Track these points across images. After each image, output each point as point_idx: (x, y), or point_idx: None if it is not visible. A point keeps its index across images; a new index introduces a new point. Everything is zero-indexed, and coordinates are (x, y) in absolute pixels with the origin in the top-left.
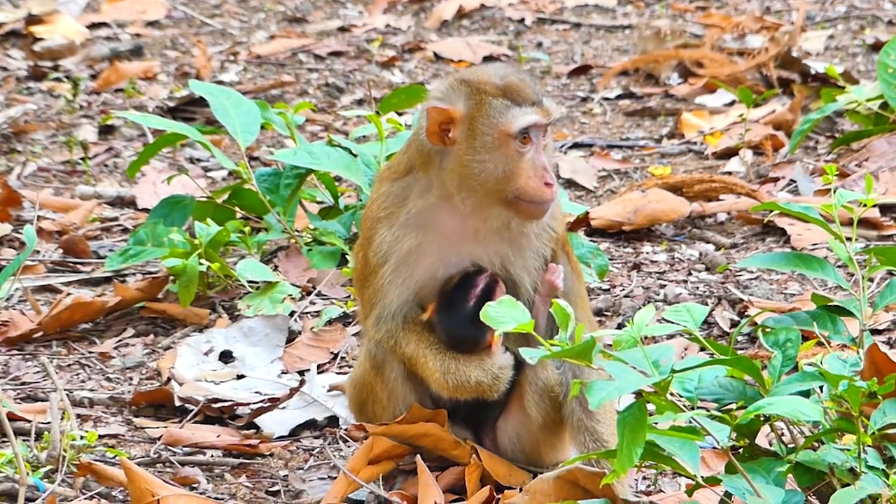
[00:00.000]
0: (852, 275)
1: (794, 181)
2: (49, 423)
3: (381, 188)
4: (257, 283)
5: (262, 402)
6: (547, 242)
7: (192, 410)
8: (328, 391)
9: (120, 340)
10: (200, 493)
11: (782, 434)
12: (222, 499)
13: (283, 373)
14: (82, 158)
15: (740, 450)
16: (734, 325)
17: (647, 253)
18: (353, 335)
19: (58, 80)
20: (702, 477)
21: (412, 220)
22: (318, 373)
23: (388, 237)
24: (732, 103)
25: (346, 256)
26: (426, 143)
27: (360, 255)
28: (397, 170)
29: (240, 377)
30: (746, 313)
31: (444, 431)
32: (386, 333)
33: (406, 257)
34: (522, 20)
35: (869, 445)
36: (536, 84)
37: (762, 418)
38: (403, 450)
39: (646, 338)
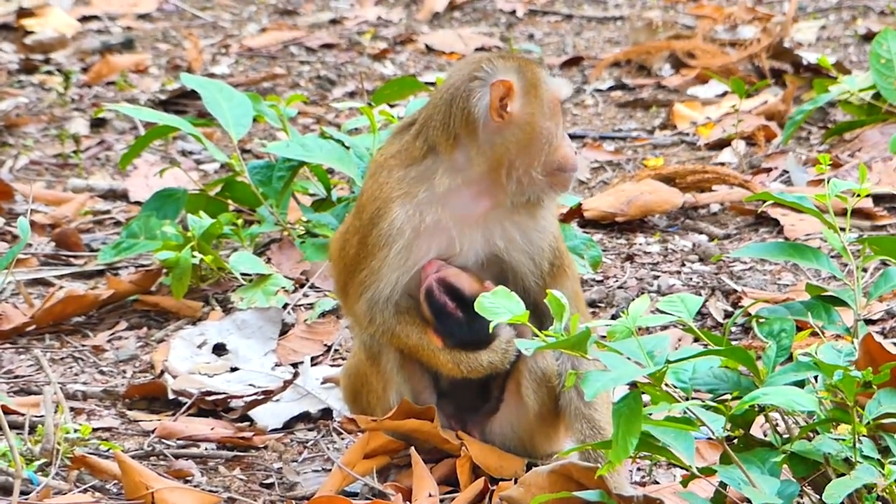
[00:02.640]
0: (846, 265)
1: (787, 172)
2: (43, 416)
3: (393, 174)
4: (250, 275)
5: (255, 394)
6: (552, 221)
7: (186, 403)
8: (322, 383)
9: (113, 333)
10: (194, 486)
11: (777, 424)
12: (216, 491)
13: (276, 365)
14: (74, 151)
15: (735, 440)
16: (728, 315)
17: (641, 244)
18: (347, 327)
19: (49, 73)
20: (697, 468)
21: (428, 198)
22: (312, 365)
23: (402, 215)
24: (724, 94)
25: None
26: (480, 121)
27: (355, 240)
28: (410, 156)
29: (233, 370)
30: (740, 304)
31: (433, 427)
32: (380, 325)
33: (415, 236)
34: (514, 12)
35: (864, 435)
36: None
37: (757, 408)
38: (399, 445)
39: (639, 329)
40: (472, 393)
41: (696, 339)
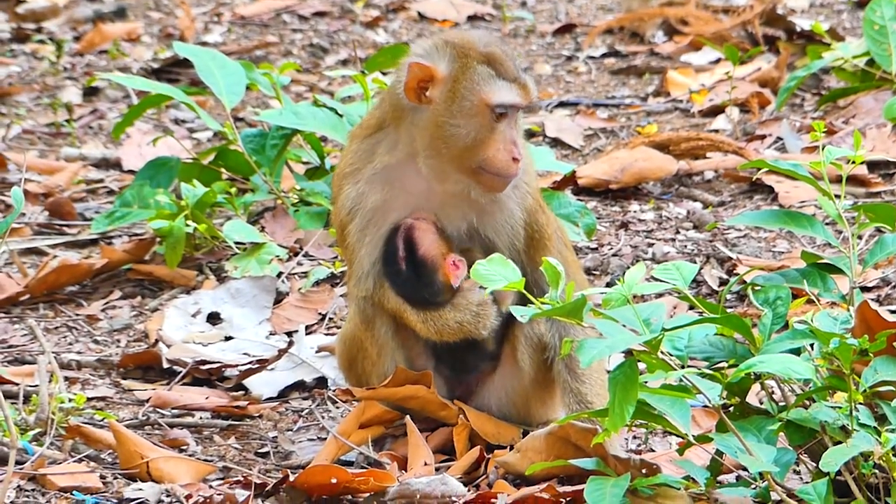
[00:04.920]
0: (841, 232)
1: (781, 139)
2: (37, 385)
3: (351, 146)
4: (244, 244)
5: (250, 363)
6: (521, 199)
7: (180, 372)
8: (316, 352)
9: (107, 303)
10: (189, 455)
11: (773, 392)
12: (211, 460)
13: (270, 334)
14: (67, 120)
15: (731, 408)
16: (723, 283)
17: (635, 211)
18: (341, 296)
19: (41, 42)
20: (693, 435)
21: (378, 175)
22: (306, 334)
23: (352, 193)
24: (718, 61)
25: None
26: (402, 98)
27: (334, 214)
28: (368, 126)
29: (228, 339)
30: (735, 271)
31: (430, 393)
32: (366, 292)
33: (371, 214)
34: None
35: (860, 403)
36: (516, 59)
37: (753, 376)
38: (394, 415)
39: (635, 297)
40: (466, 354)
41: (692, 307)
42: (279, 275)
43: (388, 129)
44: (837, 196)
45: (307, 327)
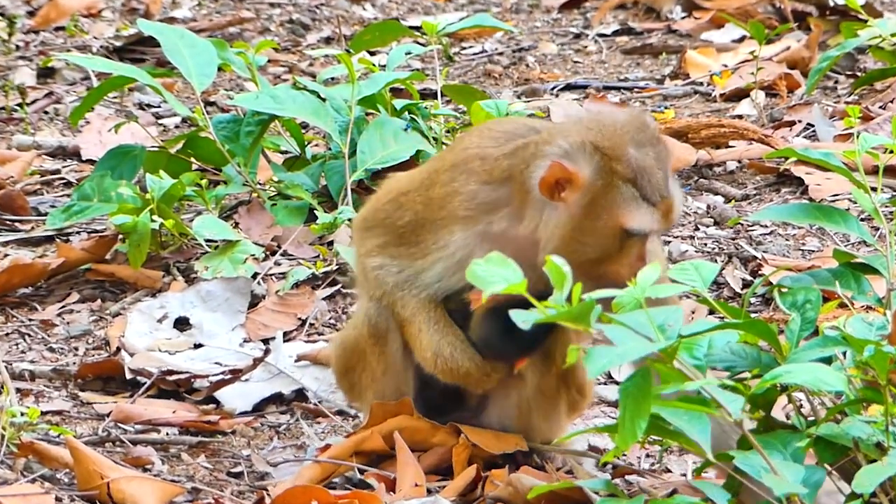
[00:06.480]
0: (877, 228)
1: (812, 125)
2: None
3: (468, 185)
4: (216, 241)
5: (222, 374)
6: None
7: (145, 384)
8: (295, 361)
9: (64, 306)
10: (154, 475)
11: (801, 405)
12: (179, 481)
13: (245, 341)
14: (19, 105)
15: (755, 423)
16: (746, 285)
17: None
18: (323, 299)
19: None
20: (712, 453)
21: (490, 235)
22: (285, 341)
23: (459, 240)
24: (742, 39)
25: (314, 211)
26: (534, 187)
27: (412, 211)
28: (493, 171)
29: (197, 346)
30: (760, 272)
31: (416, 420)
32: (384, 287)
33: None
34: None
35: None
36: (668, 162)
37: (779, 388)
38: (391, 443)
39: (648, 300)
40: (447, 400)
41: (712, 312)
42: (254, 276)
43: (513, 192)
44: (874, 189)
45: (285, 334)
